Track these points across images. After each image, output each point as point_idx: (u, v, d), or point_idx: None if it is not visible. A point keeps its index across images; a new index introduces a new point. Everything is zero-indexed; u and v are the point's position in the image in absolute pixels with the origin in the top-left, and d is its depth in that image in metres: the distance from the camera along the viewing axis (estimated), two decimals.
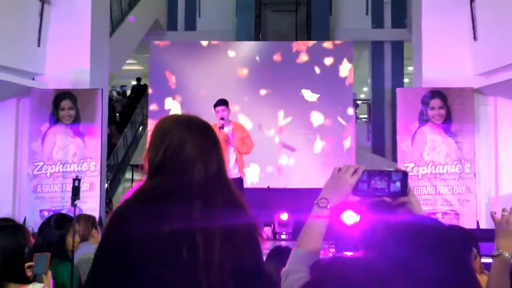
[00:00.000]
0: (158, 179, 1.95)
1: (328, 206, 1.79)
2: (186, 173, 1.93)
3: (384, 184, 1.79)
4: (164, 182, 1.94)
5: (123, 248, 1.82)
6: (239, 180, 7.19)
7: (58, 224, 4.07)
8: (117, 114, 17.87)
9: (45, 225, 4.10)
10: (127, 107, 18.26)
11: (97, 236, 4.80)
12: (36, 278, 3.12)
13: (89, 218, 4.91)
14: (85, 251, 4.43)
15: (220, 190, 1.95)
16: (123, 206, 1.93)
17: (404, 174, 1.81)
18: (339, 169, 1.82)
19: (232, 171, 7.14)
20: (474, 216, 8.17)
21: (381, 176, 1.79)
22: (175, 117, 2.15)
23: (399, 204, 1.84)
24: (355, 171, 1.79)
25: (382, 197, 1.81)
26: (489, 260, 2.79)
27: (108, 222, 1.92)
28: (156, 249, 1.81)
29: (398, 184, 1.79)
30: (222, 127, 7.04)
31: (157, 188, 1.93)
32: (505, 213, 2.20)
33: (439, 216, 7.84)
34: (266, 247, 4.18)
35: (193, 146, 1.96)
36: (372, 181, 1.79)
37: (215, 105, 7.31)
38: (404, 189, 1.80)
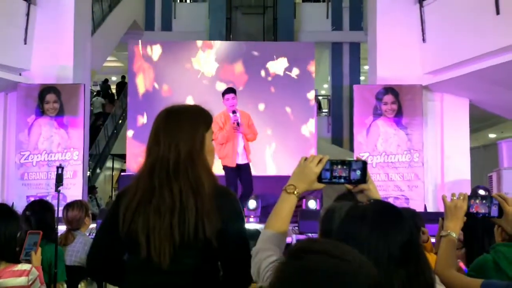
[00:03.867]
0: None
1: (295, 192, 1.80)
2: (151, 155, 2.01)
3: (345, 172, 1.80)
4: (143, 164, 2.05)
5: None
6: (247, 166, 6.97)
7: (39, 210, 3.98)
8: (113, 89, 19.29)
9: (26, 211, 4.00)
10: (120, 85, 18.86)
11: (88, 223, 4.46)
12: (26, 254, 3.10)
13: (82, 205, 4.43)
14: (81, 241, 4.26)
15: (183, 171, 1.95)
16: None
17: (364, 164, 1.82)
18: (306, 158, 1.83)
19: (242, 157, 6.89)
20: (422, 200, 8.29)
21: (343, 165, 1.80)
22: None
23: (359, 190, 1.86)
24: (320, 161, 1.80)
25: (343, 184, 1.82)
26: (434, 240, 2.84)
27: None
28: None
29: (358, 172, 1.81)
30: (235, 112, 6.75)
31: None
32: (454, 198, 2.22)
33: (390, 201, 7.93)
34: None
35: (160, 132, 2.01)
36: (335, 170, 1.80)
37: (224, 93, 6.93)
38: (364, 177, 1.81)
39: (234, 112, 6.79)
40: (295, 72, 11.42)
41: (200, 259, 1.92)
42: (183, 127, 2.00)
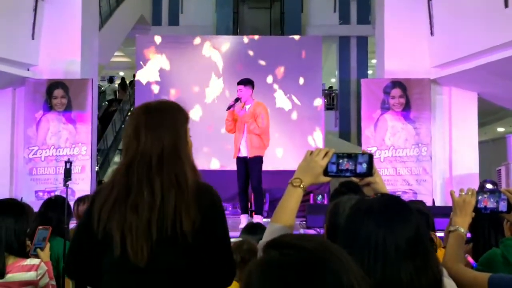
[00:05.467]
0: None
1: (301, 186, 1.79)
2: (129, 152, 1.95)
3: (351, 165, 1.79)
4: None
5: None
6: (247, 160, 6.80)
7: (54, 206, 4.01)
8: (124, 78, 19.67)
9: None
10: (131, 83, 18.79)
11: None
12: (35, 250, 3.11)
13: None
14: None
15: (167, 165, 1.90)
16: None
17: (370, 157, 1.81)
18: (311, 152, 1.82)
19: (244, 151, 6.80)
20: (431, 194, 8.27)
21: (349, 158, 1.79)
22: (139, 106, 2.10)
23: (366, 183, 1.85)
24: (325, 154, 1.79)
25: (350, 177, 1.81)
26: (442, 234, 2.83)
27: None
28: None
29: (364, 165, 1.79)
30: (229, 108, 6.79)
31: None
32: (462, 193, 2.21)
33: (399, 195, 7.90)
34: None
35: (141, 128, 1.94)
36: (341, 163, 1.78)
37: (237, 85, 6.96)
38: (370, 170, 1.80)
39: (229, 108, 6.85)
40: (301, 81, 11.38)
41: (178, 257, 1.85)
42: (166, 122, 1.96)
